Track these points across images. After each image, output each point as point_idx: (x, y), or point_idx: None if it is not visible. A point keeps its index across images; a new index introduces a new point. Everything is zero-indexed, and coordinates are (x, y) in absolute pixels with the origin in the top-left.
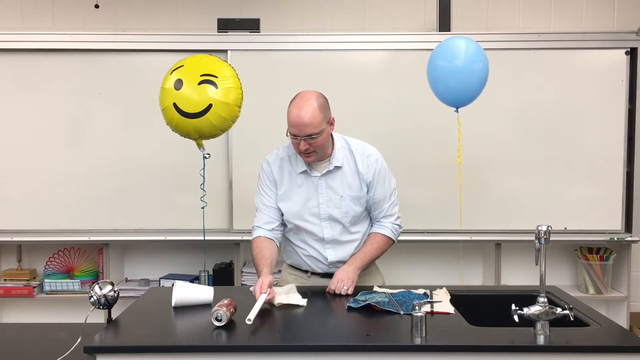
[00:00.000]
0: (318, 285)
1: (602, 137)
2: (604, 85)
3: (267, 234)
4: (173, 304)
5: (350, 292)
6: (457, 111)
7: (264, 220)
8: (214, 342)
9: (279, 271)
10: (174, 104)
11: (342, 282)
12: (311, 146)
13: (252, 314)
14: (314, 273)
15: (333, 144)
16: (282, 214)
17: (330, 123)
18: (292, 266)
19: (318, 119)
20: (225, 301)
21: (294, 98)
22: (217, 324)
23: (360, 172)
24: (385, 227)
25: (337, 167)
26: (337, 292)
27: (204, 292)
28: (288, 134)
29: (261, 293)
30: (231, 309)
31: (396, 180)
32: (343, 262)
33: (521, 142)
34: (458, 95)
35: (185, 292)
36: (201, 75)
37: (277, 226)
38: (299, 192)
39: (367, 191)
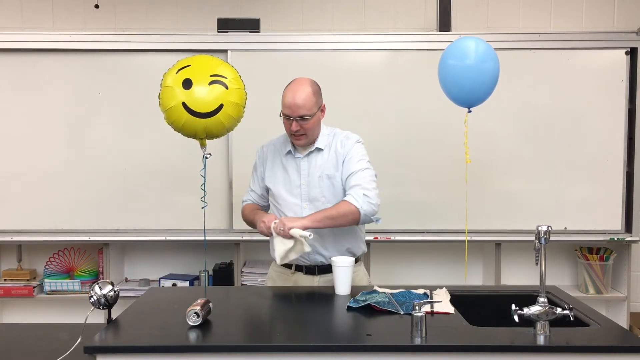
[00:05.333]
0: (301, 284)
1: (602, 137)
2: (604, 85)
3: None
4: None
5: (278, 229)
6: (470, 111)
7: (250, 200)
8: (214, 342)
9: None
10: (183, 104)
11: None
12: (302, 128)
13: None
14: (297, 269)
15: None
16: (266, 199)
17: (322, 109)
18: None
19: (311, 102)
20: (199, 301)
21: (290, 83)
22: (192, 323)
23: (338, 152)
24: (350, 195)
25: (319, 149)
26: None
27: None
28: (281, 114)
29: (269, 226)
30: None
31: (395, 180)
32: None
33: (521, 142)
34: (469, 95)
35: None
36: (211, 76)
37: (260, 208)
38: (283, 173)
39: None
